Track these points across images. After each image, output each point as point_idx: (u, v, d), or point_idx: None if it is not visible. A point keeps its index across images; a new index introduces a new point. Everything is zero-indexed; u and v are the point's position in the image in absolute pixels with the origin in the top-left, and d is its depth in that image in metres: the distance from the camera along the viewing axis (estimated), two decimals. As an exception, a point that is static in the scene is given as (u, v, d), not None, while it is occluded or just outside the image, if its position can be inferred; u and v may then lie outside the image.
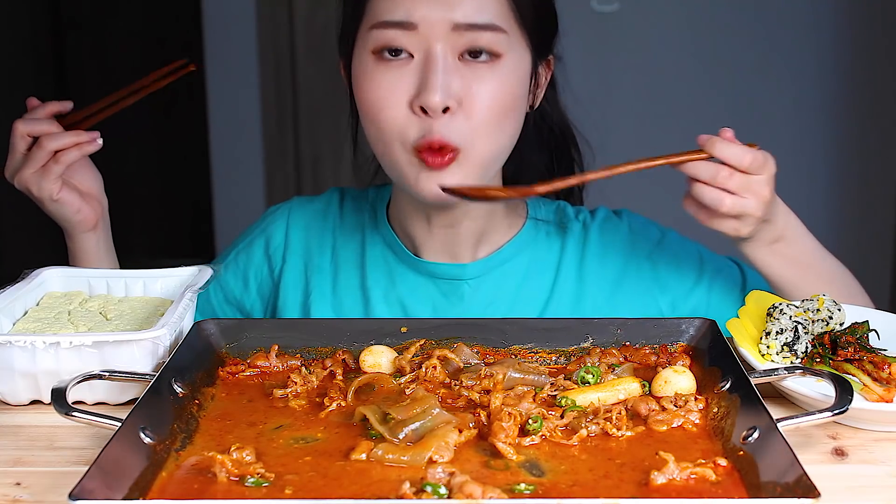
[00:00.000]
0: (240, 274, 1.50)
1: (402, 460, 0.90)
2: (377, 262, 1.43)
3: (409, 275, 1.41)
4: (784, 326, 1.12)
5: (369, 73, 1.27)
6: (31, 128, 1.36)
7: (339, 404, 1.03)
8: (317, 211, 1.51)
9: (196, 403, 1.02)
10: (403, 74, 1.26)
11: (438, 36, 1.24)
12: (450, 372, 1.09)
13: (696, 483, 0.87)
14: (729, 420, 0.96)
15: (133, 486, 0.84)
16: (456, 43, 1.25)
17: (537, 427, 0.96)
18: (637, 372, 1.10)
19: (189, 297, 1.17)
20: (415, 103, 1.24)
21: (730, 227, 1.22)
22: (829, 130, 3.51)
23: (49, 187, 1.35)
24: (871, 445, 1.00)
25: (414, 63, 1.25)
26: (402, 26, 1.25)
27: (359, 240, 1.46)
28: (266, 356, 1.13)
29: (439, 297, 1.40)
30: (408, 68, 1.26)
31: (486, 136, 1.27)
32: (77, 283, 1.27)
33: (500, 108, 1.27)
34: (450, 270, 1.40)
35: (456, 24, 1.24)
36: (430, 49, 1.25)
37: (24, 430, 1.04)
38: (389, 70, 1.26)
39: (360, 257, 1.45)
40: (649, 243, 1.44)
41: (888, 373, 1.07)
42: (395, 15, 1.25)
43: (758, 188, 1.19)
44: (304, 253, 1.47)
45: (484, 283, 1.40)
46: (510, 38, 1.27)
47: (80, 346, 1.05)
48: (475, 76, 1.26)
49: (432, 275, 1.40)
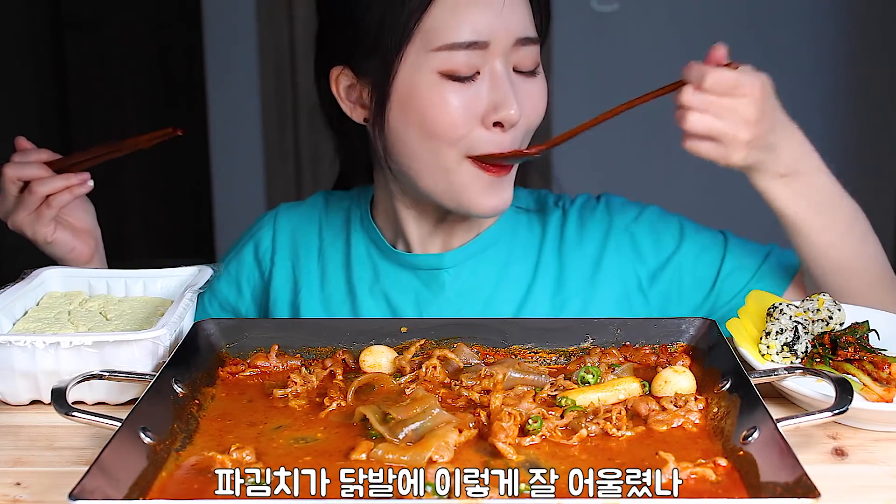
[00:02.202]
0: (232, 281, 1.53)
1: (402, 460, 0.90)
2: (361, 258, 1.46)
3: (391, 268, 1.44)
4: (784, 326, 1.12)
5: (438, 93, 1.26)
6: (20, 172, 1.36)
7: (339, 404, 1.03)
8: (303, 214, 1.54)
9: (196, 403, 1.02)
10: (477, 92, 1.27)
11: (502, 51, 1.27)
12: (450, 372, 1.09)
13: (696, 483, 0.87)
14: (729, 420, 0.96)
15: (133, 486, 0.84)
16: (511, 56, 1.28)
17: (537, 427, 0.96)
18: (637, 372, 1.10)
19: (189, 297, 1.17)
20: (490, 118, 1.27)
21: (709, 150, 1.20)
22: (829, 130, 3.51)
23: (43, 231, 1.36)
24: (871, 445, 1.00)
25: (482, 79, 1.27)
26: (474, 46, 1.26)
27: (344, 238, 1.49)
28: (266, 356, 1.13)
29: (421, 287, 1.43)
30: (479, 86, 1.27)
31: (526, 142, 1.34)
32: (77, 283, 1.27)
33: (541, 114, 1.33)
34: (429, 261, 1.42)
35: (519, 39, 1.28)
36: (493, 65, 1.27)
37: (24, 430, 1.04)
38: (462, 89, 1.27)
39: (345, 255, 1.48)
40: (627, 218, 1.45)
41: (888, 373, 1.07)
42: (463, 35, 1.25)
43: (740, 109, 1.18)
44: (292, 254, 1.50)
45: (463, 270, 1.42)
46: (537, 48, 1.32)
47: (80, 346, 1.05)
48: (526, 88, 1.30)
49: (413, 266, 1.43)
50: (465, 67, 1.26)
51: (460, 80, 1.26)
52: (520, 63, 1.29)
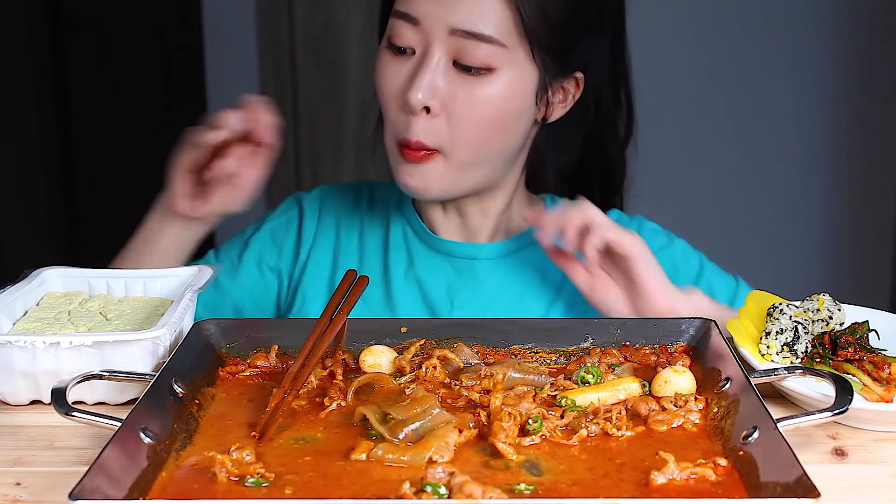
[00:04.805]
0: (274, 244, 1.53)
1: (402, 460, 0.90)
2: (399, 243, 1.47)
3: (426, 253, 1.45)
4: (784, 326, 1.12)
5: (380, 61, 1.31)
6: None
7: (339, 404, 1.03)
8: (347, 197, 1.55)
9: (196, 403, 1.02)
10: (402, 69, 1.28)
11: (437, 36, 1.26)
12: (450, 372, 1.09)
13: (696, 483, 0.87)
14: (729, 420, 0.96)
15: (133, 486, 0.84)
16: (452, 47, 1.26)
17: (537, 427, 0.96)
18: (637, 372, 1.10)
19: (189, 297, 1.17)
20: (401, 99, 1.28)
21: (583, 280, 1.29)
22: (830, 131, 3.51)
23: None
24: (871, 445, 1.00)
25: (415, 59, 1.28)
26: (407, 19, 1.27)
27: (384, 224, 1.49)
28: (266, 356, 1.13)
29: (454, 275, 1.43)
30: (407, 63, 1.28)
31: (467, 144, 1.30)
32: (77, 283, 1.27)
33: (483, 121, 1.29)
34: (465, 249, 1.44)
35: (453, 29, 1.25)
36: (427, 48, 1.27)
37: (24, 430, 1.04)
38: (393, 62, 1.30)
39: (384, 240, 1.48)
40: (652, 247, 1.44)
41: (888, 373, 1.07)
42: (402, 5, 1.28)
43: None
44: (335, 237, 1.51)
45: (500, 265, 1.43)
46: (509, 53, 1.27)
47: (80, 346, 1.05)
48: (463, 83, 1.27)
49: (449, 253, 1.44)
50: (400, 39, 1.28)
51: (396, 51, 1.29)
52: (461, 57, 1.26)
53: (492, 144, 1.32)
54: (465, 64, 1.26)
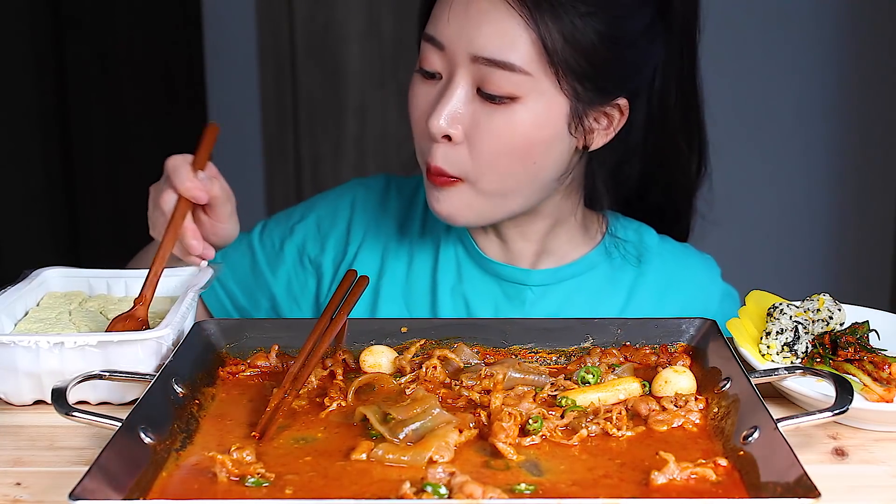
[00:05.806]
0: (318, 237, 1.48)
1: (402, 460, 0.90)
2: (449, 257, 1.43)
3: (475, 273, 1.41)
4: (784, 326, 1.12)
5: (411, 84, 1.29)
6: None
7: (339, 404, 1.03)
8: (406, 196, 1.50)
9: (196, 403, 1.02)
10: (429, 93, 1.26)
11: (460, 63, 1.22)
12: (450, 372, 1.09)
13: (697, 483, 0.87)
14: (729, 420, 0.96)
15: (133, 486, 0.85)
16: (475, 74, 1.22)
17: (537, 427, 0.96)
18: (637, 372, 1.10)
19: (191, 297, 1.17)
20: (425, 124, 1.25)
21: None
22: (830, 130, 3.51)
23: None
24: (871, 445, 1.00)
25: (441, 84, 1.25)
26: (434, 43, 1.24)
27: (437, 235, 1.45)
28: (266, 356, 1.13)
29: (502, 298, 1.40)
30: (434, 88, 1.26)
31: (492, 174, 1.25)
32: (77, 284, 1.27)
33: (506, 150, 1.23)
34: (515, 273, 1.39)
35: (475, 56, 1.21)
36: (452, 74, 1.23)
37: (24, 430, 1.04)
38: (422, 86, 1.27)
39: (435, 251, 1.44)
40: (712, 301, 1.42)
41: (888, 373, 1.07)
42: (430, 28, 1.25)
43: None
44: (385, 237, 1.46)
45: (550, 292, 1.39)
46: (534, 81, 1.21)
47: (84, 346, 1.05)
48: (486, 112, 1.22)
49: (498, 275, 1.40)
50: (427, 63, 1.25)
51: (425, 75, 1.26)
52: (484, 85, 1.21)
53: (521, 174, 1.26)
54: (488, 92, 1.21)
